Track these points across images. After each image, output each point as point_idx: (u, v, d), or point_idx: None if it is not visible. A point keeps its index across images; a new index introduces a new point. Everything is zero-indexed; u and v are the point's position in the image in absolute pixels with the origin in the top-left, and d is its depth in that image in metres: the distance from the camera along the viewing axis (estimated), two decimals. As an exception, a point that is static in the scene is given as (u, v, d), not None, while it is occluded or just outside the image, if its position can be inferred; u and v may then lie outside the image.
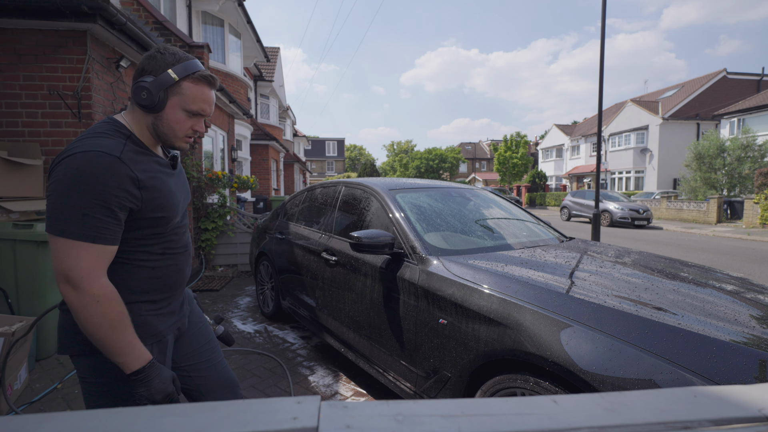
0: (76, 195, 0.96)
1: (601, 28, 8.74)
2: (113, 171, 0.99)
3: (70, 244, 0.96)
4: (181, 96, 1.10)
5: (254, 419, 0.33)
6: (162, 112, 1.10)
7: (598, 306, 1.48)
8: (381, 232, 2.22)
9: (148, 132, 1.13)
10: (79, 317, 0.98)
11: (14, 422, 0.32)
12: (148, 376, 1.05)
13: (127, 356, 1.02)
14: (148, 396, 1.05)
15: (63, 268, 0.97)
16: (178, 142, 1.16)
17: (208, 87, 1.15)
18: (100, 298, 0.99)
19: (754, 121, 19.21)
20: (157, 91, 1.07)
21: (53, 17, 3.24)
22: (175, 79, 1.08)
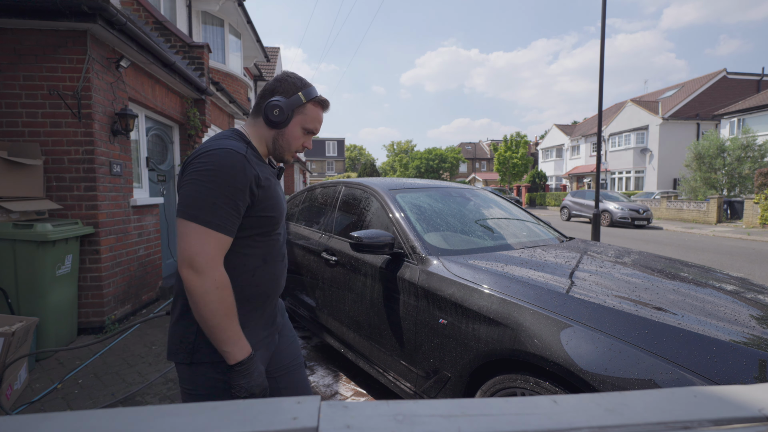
0: (211, 186, 1.05)
1: (601, 28, 8.74)
2: (242, 168, 1.09)
3: (200, 230, 1.04)
4: (303, 116, 1.26)
5: (254, 419, 0.33)
6: (285, 128, 1.25)
7: (598, 306, 1.48)
8: (381, 232, 2.22)
9: (264, 144, 1.26)
10: (198, 302, 1.03)
11: (14, 422, 0.32)
12: (249, 368, 1.10)
13: (234, 345, 1.08)
14: (248, 387, 1.10)
15: (190, 252, 1.03)
16: (288, 156, 1.30)
17: (323, 110, 1.31)
18: (220, 285, 1.05)
19: (754, 121, 19.20)
20: (288, 110, 1.22)
21: (53, 17, 3.24)
22: (303, 101, 1.24)
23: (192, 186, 1.06)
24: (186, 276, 1.03)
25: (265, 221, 1.19)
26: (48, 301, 3.13)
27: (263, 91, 1.26)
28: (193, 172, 1.07)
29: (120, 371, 2.91)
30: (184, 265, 1.04)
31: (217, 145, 1.10)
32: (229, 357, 1.08)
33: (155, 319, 4.09)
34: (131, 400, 2.54)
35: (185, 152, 5.83)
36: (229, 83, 9.39)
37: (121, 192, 3.99)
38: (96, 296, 3.64)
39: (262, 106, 1.24)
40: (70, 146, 3.51)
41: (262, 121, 1.24)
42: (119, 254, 3.92)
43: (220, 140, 1.14)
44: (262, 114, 1.24)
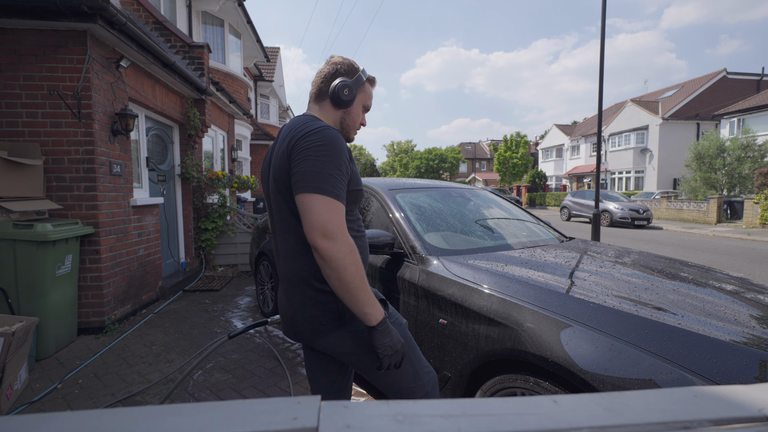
0: (327, 160, 1.12)
1: (601, 28, 8.73)
2: (343, 144, 1.19)
3: (326, 200, 1.09)
4: (364, 94, 1.35)
5: (254, 419, 0.33)
6: (350, 107, 1.33)
7: (598, 306, 1.48)
8: (381, 232, 2.22)
9: (333, 125, 1.31)
10: (338, 268, 1.07)
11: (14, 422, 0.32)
12: (388, 327, 1.16)
13: (373, 306, 1.13)
14: (392, 344, 1.15)
15: (321, 221, 1.07)
16: (353, 133, 1.38)
17: (373, 86, 1.40)
18: (353, 248, 1.11)
19: (754, 121, 19.20)
20: (355, 89, 1.30)
21: (53, 17, 3.24)
22: (364, 79, 1.33)
23: (309, 162, 1.11)
24: (322, 245, 1.07)
25: (356, 194, 1.27)
26: (48, 301, 3.13)
27: (322, 76, 1.32)
28: (307, 149, 1.13)
29: (120, 371, 2.91)
30: (317, 236, 1.07)
31: (319, 125, 1.17)
32: (370, 318, 1.12)
33: (153, 318, 4.09)
34: (131, 400, 2.54)
35: (185, 152, 5.83)
36: (229, 83, 9.39)
37: (121, 192, 3.99)
38: (96, 296, 3.64)
39: (326, 89, 1.30)
40: (70, 146, 3.51)
41: (329, 104, 1.31)
42: (119, 254, 3.92)
43: (316, 122, 1.21)
44: (328, 96, 1.30)
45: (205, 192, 6.09)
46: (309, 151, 1.13)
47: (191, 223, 6.01)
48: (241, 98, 9.95)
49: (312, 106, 1.35)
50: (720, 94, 25.67)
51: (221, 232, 6.28)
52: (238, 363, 3.06)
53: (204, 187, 6.07)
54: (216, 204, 6.27)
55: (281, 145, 1.22)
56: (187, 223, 5.96)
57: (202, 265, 6.16)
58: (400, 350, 1.18)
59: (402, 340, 1.22)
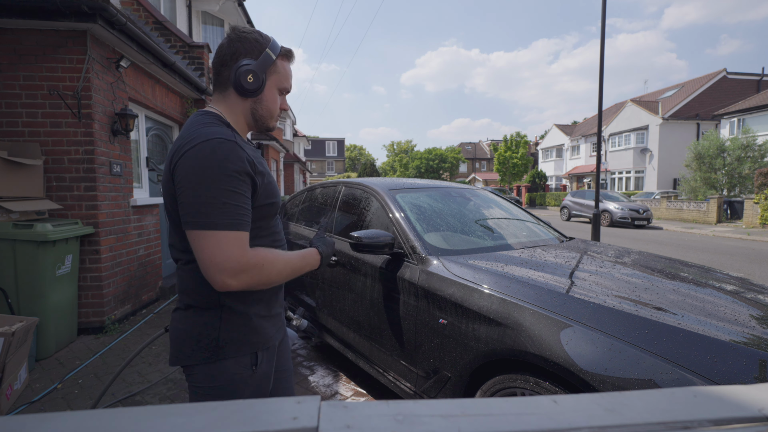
0: (213, 186, 0.94)
1: (601, 28, 8.73)
2: (237, 156, 0.98)
3: (219, 236, 0.94)
4: (277, 75, 1.11)
5: (254, 419, 0.33)
6: (262, 94, 1.10)
7: (598, 306, 1.48)
8: (381, 232, 2.22)
9: (243, 119, 1.12)
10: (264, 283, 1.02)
11: (14, 422, 0.32)
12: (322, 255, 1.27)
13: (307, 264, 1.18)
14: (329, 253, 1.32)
15: (217, 261, 0.94)
16: (273, 123, 1.17)
17: (290, 62, 1.16)
18: (262, 262, 1.01)
19: (754, 121, 19.20)
20: (262, 74, 1.06)
21: (53, 17, 3.24)
22: (273, 58, 1.08)
23: (192, 191, 0.94)
24: (221, 283, 0.95)
25: (267, 209, 1.11)
26: (48, 301, 3.13)
27: (220, 57, 1.07)
28: (188, 175, 0.94)
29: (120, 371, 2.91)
30: (214, 275, 0.94)
31: (200, 138, 0.96)
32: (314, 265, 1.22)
33: (153, 318, 4.09)
34: (131, 400, 2.54)
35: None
36: (229, 83, 9.39)
37: (121, 192, 3.99)
38: (96, 296, 3.64)
39: (228, 75, 1.06)
40: (70, 146, 3.51)
41: (234, 93, 1.08)
42: (119, 254, 3.92)
43: (201, 129, 0.99)
44: (231, 84, 1.07)
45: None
46: (190, 178, 0.94)
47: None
48: (241, 98, 9.96)
49: (215, 97, 1.12)
50: (720, 94, 25.68)
51: (221, 232, 6.27)
52: (238, 363, 3.06)
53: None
54: (216, 204, 6.26)
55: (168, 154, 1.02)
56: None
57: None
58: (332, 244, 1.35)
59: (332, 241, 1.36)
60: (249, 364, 1.09)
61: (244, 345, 1.08)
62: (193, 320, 1.06)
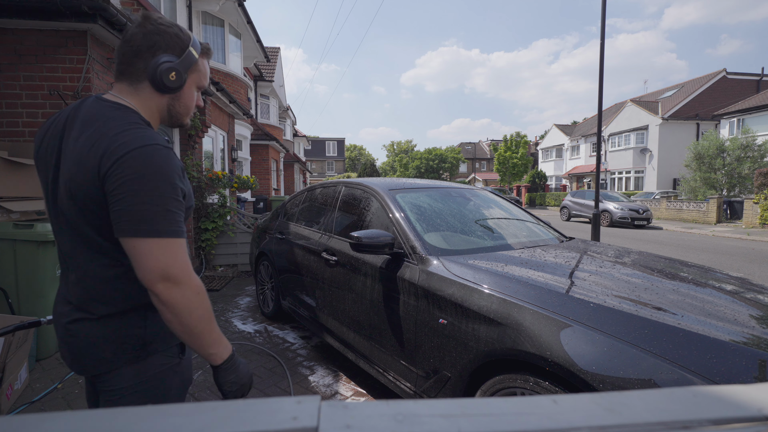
0: (159, 193, 0.92)
1: (601, 28, 8.74)
2: (174, 164, 0.97)
3: (163, 243, 0.92)
4: (197, 73, 1.10)
5: (254, 419, 0.33)
6: (181, 91, 1.08)
7: (598, 306, 1.49)
8: (381, 232, 2.22)
9: (158, 114, 1.09)
10: (182, 312, 0.94)
11: (14, 422, 0.32)
12: (236, 362, 1.06)
13: (219, 346, 1.02)
14: (238, 380, 1.06)
15: (161, 267, 0.91)
16: (187, 119, 1.16)
17: (208, 58, 1.16)
18: (200, 290, 0.97)
19: (754, 121, 19.20)
20: (185, 72, 1.04)
21: (53, 17, 3.24)
22: (196, 57, 1.06)
23: (135, 198, 0.90)
24: (162, 291, 0.92)
25: (188, 212, 1.08)
26: (48, 301, 3.13)
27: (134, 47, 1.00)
28: (130, 182, 0.91)
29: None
30: (156, 282, 0.91)
31: (137, 143, 0.93)
32: (216, 358, 1.02)
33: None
34: (131, 400, 2.54)
35: (185, 152, 5.83)
36: (229, 83, 9.40)
37: (121, 192, 3.99)
38: (96, 296, 3.64)
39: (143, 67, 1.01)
40: (70, 146, 3.51)
41: (150, 88, 1.03)
42: (119, 254, 3.91)
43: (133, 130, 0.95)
44: (147, 78, 1.01)
45: (205, 192, 6.09)
46: (134, 184, 0.90)
47: (191, 223, 6.01)
48: (241, 98, 9.96)
49: (122, 86, 1.03)
50: (720, 94, 25.69)
51: (221, 232, 6.29)
52: (238, 363, 3.06)
53: (204, 187, 6.07)
54: (216, 204, 6.27)
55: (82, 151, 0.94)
56: (187, 223, 5.95)
57: (203, 265, 6.16)
58: (248, 383, 1.09)
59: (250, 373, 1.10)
60: (176, 353, 1.09)
61: (171, 337, 1.08)
62: (113, 326, 1.02)
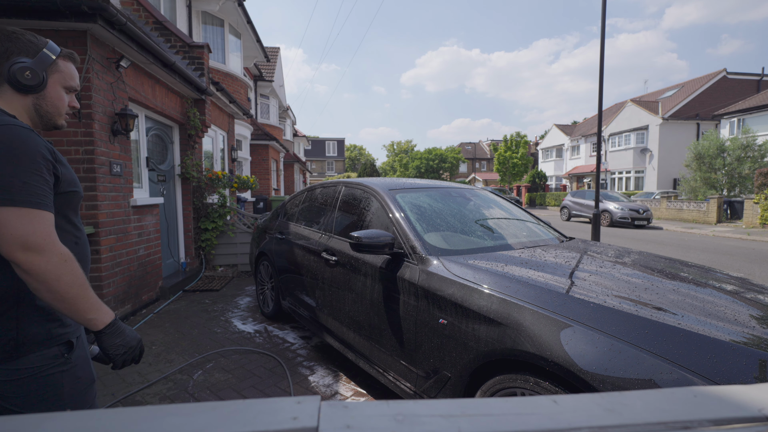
0: (12, 165, 0.96)
1: (601, 28, 8.74)
2: (35, 141, 1.01)
3: (21, 212, 0.95)
4: (60, 73, 1.16)
5: (254, 419, 0.33)
6: (44, 91, 1.13)
7: (598, 306, 1.48)
8: (381, 232, 2.22)
9: (26, 115, 1.13)
10: (49, 280, 0.96)
11: (14, 422, 0.32)
12: (120, 326, 1.09)
13: (98, 311, 1.05)
14: (125, 343, 1.09)
15: (20, 235, 0.94)
16: (60, 120, 1.21)
17: (73, 63, 1.22)
18: (67, 258, 1.00)
19: (754, 121, 19.20)
20: (41, 71, 1.10)
21: (53, 17, 3.24)
22: (52, 58, 1.12)
23: None
24: (24, 259, 0.94)
25: (71, 196, 1.14)
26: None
27: None
28: None
29: (120, 371, 2.91)
30: (16, 251, 0.93)
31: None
32: (96, 323, 1.04)
33: (153, 318, 4.09)
34: (131, 400, 2.54)
35: (185, 152, 5.83)
36: (229, 83, 9.39)
37: (121, 192, 3.99)
38: (96, 296, 3.63)
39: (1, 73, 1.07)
40: (70, 146, 3.51)
41: (10, 90, 1.09)
42: (119, 254, 3.92)
43: None
44: (5, 80, 1.07)
45: (205, 192, 6.09)
46: None
47: (191, 223, 6.01)
48: (241, 98, 9.96)
49: None
50: (720, 94, 25.68)
51: (221, 232, 6.29)
52: (238, 363, 3.06)
53: (204, 187, 6.07)
54: (216, 204, 6.27)
55: None
56: (187, 223, 5.96)
57: (202, 265, 6.16)
58: (137, 346, 1.13)
59: (139, 336, 1.15)
60: (58, 354, 1.08)
61: (49, 338, 1.07)
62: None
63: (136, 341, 1.13)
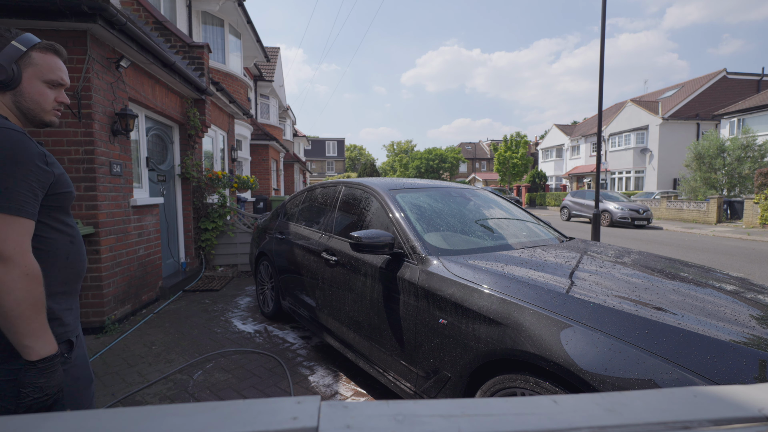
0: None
1: (601, 28, 8.74)
2: (26, 145, 0.98)
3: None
4: (35, 67, 1.10)
5: (254, 419, 0.33)
6: (20, 86, 1.08)
7: (598, 306, 1.48)
8: (381, 232, 2.22)
9: (9, 112, 1.10)
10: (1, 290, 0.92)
11: (14, 422, 0.32)
12: (54, 366, 1.00)
13: (38, 340, 0.97)
14: (46, 388, 0.98)
15: None
16: (48, 116, 1.16)
17: (57, 56, 1.16)
18: (30, 273, 0.96)
19: (754, 121, 19.20)
20: (9, 64, 1.04)
21: (53, 17, 3.24)
22: (22, 50, 1.06)
23: None
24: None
25: (63, 198, 1.11)
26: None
27: None
28: None
29: (120, 371, 2.91)
30: None
31: None
32: (30, 353, 0.95)
33: (153, 318, 4.09)
34: (131, 400, 2.54)
35: (185, 152, 5.83)
36: (229, 83, 9.39)
37: (121, 192, 3.99)
38: (96, 296, 3.64)
39: None
40: (70, 146, 3.51)
41: None
42: (119, 254, 3.92)
43: None
44: None
45: (205, 192, 6.09)
46: None
47: (191, 223, 6.01)
48: (241, 98, 9.96)
49: None
50: (720, 94, 25.68)
51: (221, 232, 6.29)
52: (238, 363, 3.06)
53: (204, 187, 6.07)
54: (216, 204, 6.27)
55: None
56: (187, 223, 5.96)
57: (202, 265, 6.16)
58: (53, 395, 1.00)
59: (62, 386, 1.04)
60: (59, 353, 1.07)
61: None
62: None
63: (56, 389, 1.01)
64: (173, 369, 2.94)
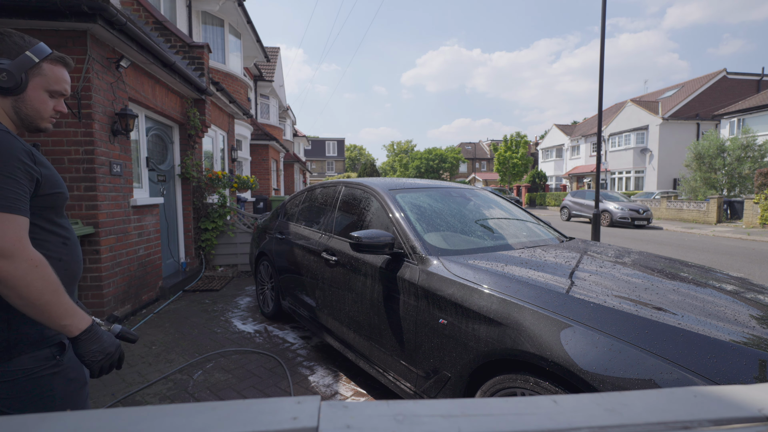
0: None
1: (601, 28, 8.74)
2: (11, 143, 0.99)
3: None
4: (43, 77, 1.13)
5: (254, 419, 0.33)
6: (24, 93, 1.11)
7: (599, 306, 1.48)
8: (381, 232, 2.22)
9: (7, 118, 1.12)
10: (19, 286, 0.94)
11: (14, 422, 0.32)
12: (97, 332, 1.05)
13: (73, 317, 1.01)
14: (102, 349, 1.05)
15: None
16: (44, 123, 1.18)
17: (65, 68, 1.19)
18: (38, 263, 0.97)
19: (754, 121, 19.20)
20: (18, 73, 1.07)
21: (53, 17, 3.24)
22: (35, 60, 1.10)
23: None
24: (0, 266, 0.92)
25: (56, 198, 1.12)
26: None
27: None
28: None
29: (120, 371, 2.91)
30: None
31: None
32: (72, 329, 1.01)
33: (153, 318, 4.09)
34: (131, 400, 2.54)
35: (185, 152, 5.83)
36: (229, 83, 9.39)
37: (121, 192, 3.99)
38: (96, 296, 3.64)
39: None
40: (70, 146, 3.51)
41: None
42: (119, 254, 3.92)
43: None
44: None
45: (205, 192, 6.09)
46: None
47: (191, 223, 6.01)
48: (241, 98, 9.95)
49: None
50: (720, 94, 25.68)
51: (221, 232, 6.29)
52: (238, 363, 3.06)
53: (204, 187, 6.07)
54: (216, 204, 6.27)
55: None
56: (187, 223, 5.96)
57: (202, 265, 6.16)
58: (115, 351, 1.09)
59: (118, 342, 1.11)
60: (50, 356, 1.08)
61: (42, 339, 1.06)
62: None
63: (114, 347, 1.09)
64: (173, 369, 2.94)
